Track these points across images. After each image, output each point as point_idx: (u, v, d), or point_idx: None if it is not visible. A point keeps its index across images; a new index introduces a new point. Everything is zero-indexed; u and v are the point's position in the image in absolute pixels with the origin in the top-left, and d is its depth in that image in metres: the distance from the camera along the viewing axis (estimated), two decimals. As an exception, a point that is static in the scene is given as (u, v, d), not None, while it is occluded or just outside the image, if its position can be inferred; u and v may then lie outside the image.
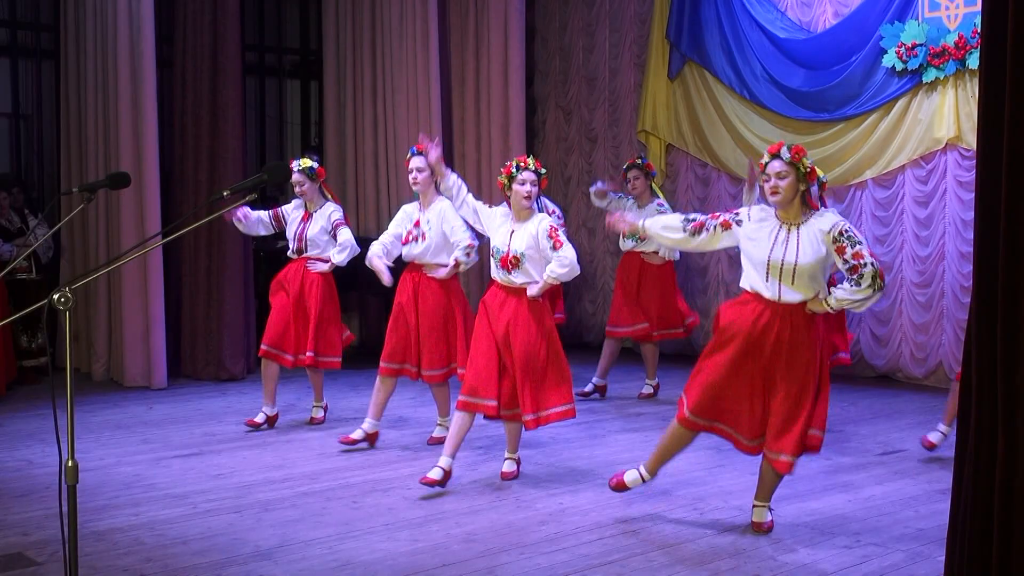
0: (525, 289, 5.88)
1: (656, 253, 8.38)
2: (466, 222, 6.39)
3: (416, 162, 6.68)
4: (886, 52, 8.88)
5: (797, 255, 4.88)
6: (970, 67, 8.37)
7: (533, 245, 5.82)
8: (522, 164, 5.86)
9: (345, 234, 7.32)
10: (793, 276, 4.89)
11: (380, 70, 10.99)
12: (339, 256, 7.31)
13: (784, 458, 5.00)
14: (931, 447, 6.48)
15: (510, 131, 10.65)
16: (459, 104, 11.03)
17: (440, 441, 6.65)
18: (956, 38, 8.48)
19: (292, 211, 7.43)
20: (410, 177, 6.73)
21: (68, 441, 3.18)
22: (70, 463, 3.18)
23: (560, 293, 9.30)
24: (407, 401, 8.37)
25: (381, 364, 6.80)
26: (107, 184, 5.44)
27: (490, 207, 6.11)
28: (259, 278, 9.86)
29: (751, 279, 5.06)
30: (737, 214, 5.14)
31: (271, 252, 10.04)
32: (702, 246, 5.27)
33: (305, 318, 7.37)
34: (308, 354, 7.34)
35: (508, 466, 6.23)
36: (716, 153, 10.27)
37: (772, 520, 5.24)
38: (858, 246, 4.81)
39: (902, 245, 9.14)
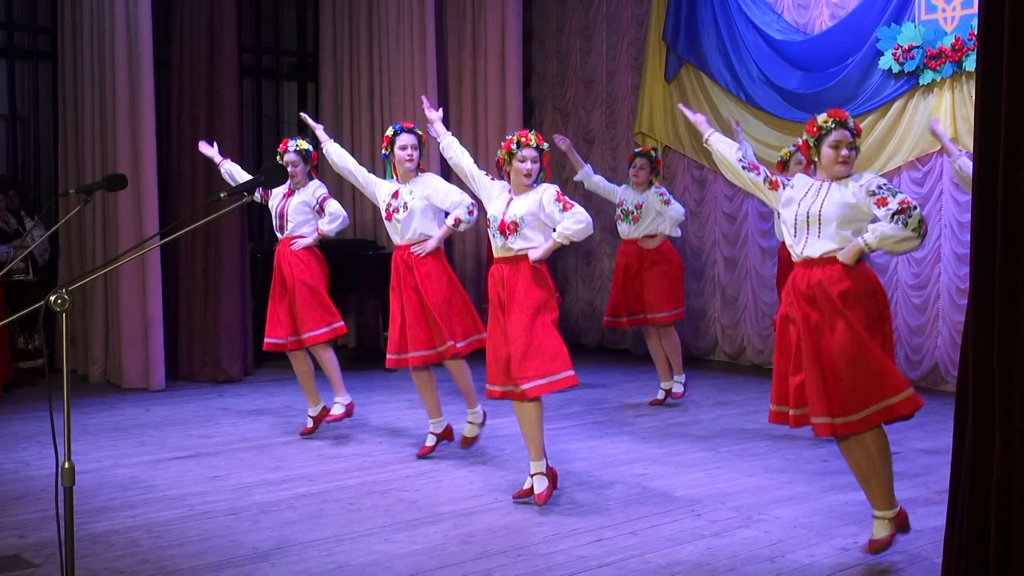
0: (525, 256, 5.62)
1: (653, 237, 8.25)
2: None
3: (409, 139, 6.57)
4: (883, 54, 8.89)
5: (823, 204, 4.72)
6: (967, 69, 8.37)
7: (535, 211, 5.58)
8: (523, 140, 5.63)
9: (334, 205, 7.19)
10: (820, 225, 4.73)
11: (377, 71, 11.00)
12: (329, 226, 7.14)
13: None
14: None
15: (507, 132, 10.62)
16: (456, 105, 11.04)
17: (470, 441, 6.76)
18: (953, 40, 8.48)
19: (277, 188, 7.34)
20: (404, 154, 6.54)
21: (65, 443, 3.17)
22: (67, 465, 3.18)
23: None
24: (404, 404, 8.37)
25: (410, 355, 6.50)
26: (104, 186, 5.44)
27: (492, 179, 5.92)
28: (256, 280, 9.85)
29: (788, 242, 4.92)
30: (788, 179, 5.06)
31: (268, 253, 10.03)
32: (749, 186, 5.08)
33: (290, 299, 7.19)
34: (291, 338, 7.18)
35: (538, 484, 5.70)
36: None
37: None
38: (900, 195, 4.66)
39: (898, 247, 9.12)
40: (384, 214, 6.66)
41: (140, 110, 8.95)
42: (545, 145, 5.72)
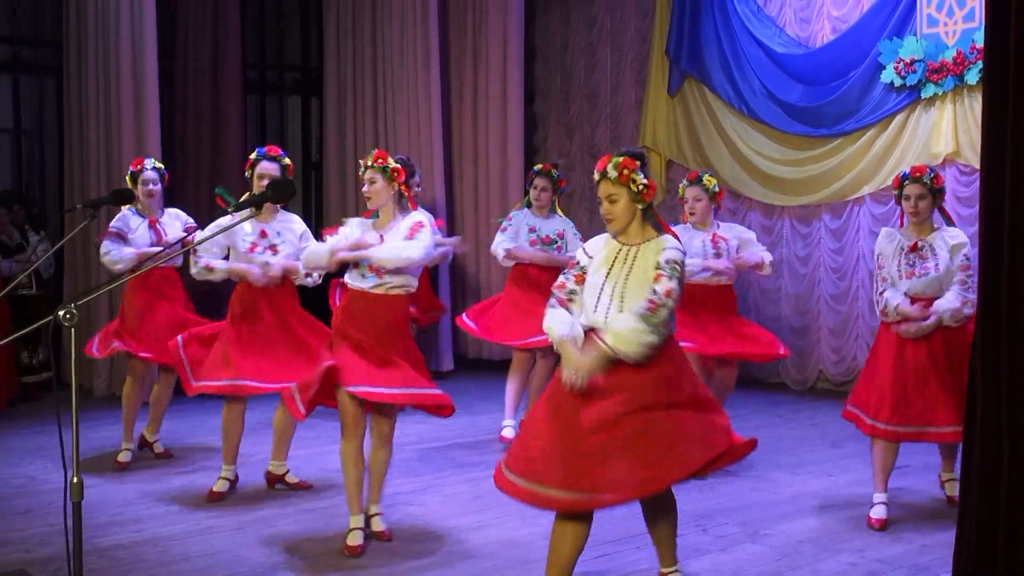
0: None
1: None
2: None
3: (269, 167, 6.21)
4: (884, 68, 8.91)
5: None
6: (968, 83, 8.39)
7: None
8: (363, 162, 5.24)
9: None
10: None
11: (381, 87, 11.03)
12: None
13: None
14: None
15: (508, 147, 10.70)
16: (457, 120, 11.08)
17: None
18: (955, 54, 8.50)
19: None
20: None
21: (74, 458, 3.18)
22: (75, 480, 3.19)
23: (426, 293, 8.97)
24: (406, 417, 8.36)
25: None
26: (110, 200, 5.47)
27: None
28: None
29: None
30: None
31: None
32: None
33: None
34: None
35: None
36: (715, 168, 10.27)
37: None
38: (672, 281, 4.13)
39: (901, 261, 9.13)
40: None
41: (145, 125, 8.98)
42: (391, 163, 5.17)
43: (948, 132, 8.60)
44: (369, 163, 5.19)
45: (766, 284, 9.97)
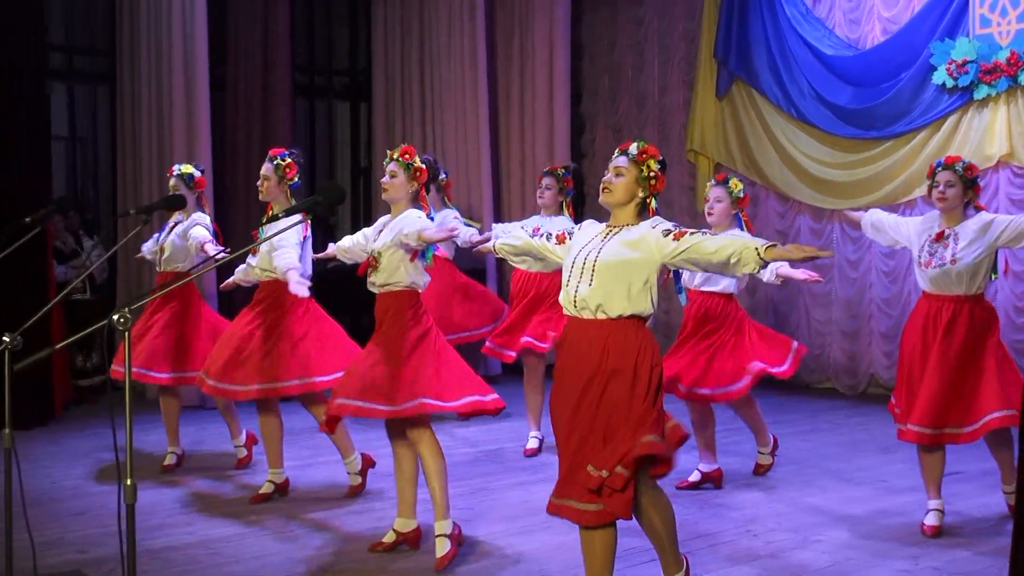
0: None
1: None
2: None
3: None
4: (936, 69, 8.80)
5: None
6: (1022, 84, 8.28)
7: (394, 236, 5.09)
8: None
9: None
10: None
11: (428, 90, 11.08)
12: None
13: None
14: None
15: (555, 148, 10.69)
16: (504, 122, 11.09)
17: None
18: (1008, 55, 8.38)
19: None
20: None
21: (128, 460, 3.22)
22: (128, 482, 3.22)
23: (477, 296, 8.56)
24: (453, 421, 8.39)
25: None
26: (163, 206, 5.55)
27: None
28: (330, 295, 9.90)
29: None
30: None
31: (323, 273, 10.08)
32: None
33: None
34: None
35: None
36: (764, 171, 10.23)
37: None
38: None
39: (953, 263, 9.02)
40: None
41: (196, 130, 9.09)
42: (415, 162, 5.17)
43: (1002, 134, 8.49)
44: (395, 155, 5.20)
45: (816, 288, 9.88)
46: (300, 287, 5.53)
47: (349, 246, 5.56)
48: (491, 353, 7.63)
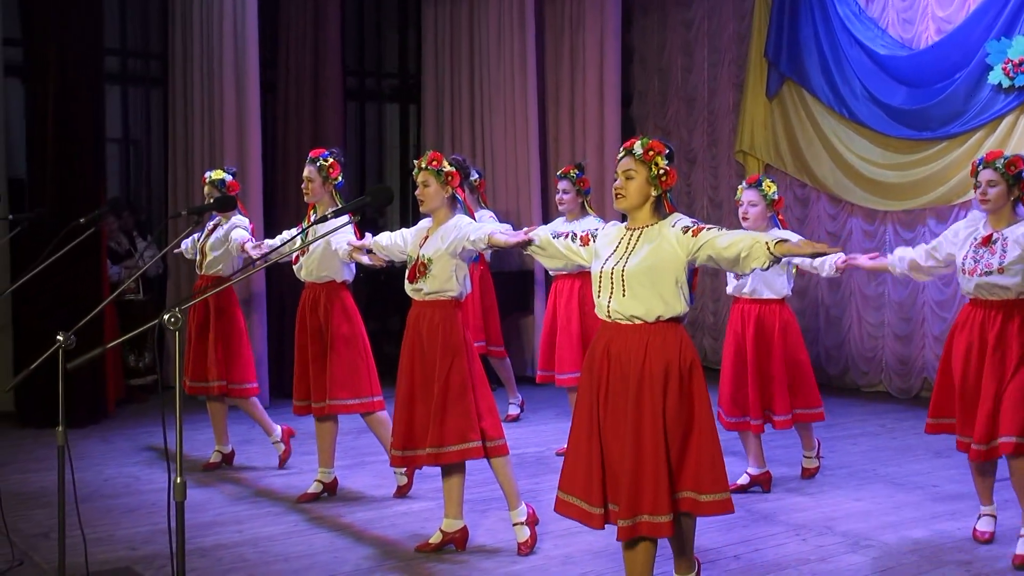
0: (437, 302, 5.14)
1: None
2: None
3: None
4: (992, 69, 8.67)
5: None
6: (1081, 83, 8.15)
7: (449, 244, 5.08)
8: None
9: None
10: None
11: (478, 92, 11.09)
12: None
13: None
14: None
15: (605, 151, 10.65)
16: (553, 124, 11.08)
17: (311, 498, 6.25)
18: (1066, 53, 8.25)
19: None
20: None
21: (177, 459, 3.25)
22: (178, 480, 3.25)
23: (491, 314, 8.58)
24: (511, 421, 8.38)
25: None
26: (215, 207, 5.60)
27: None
28: (359, 299, 9.94)
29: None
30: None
31: (370, 274, 10.12)
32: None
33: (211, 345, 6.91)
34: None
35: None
36: (815, 173, 10.14)
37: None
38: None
39: (1009, 266, 8.89)
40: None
41: (247, 133, 9.17)
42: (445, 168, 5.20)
43: (1059, 134, 8.35)
44: (423, 165, 5.19)
45: (868, 290, 9.79)
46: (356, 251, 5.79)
47: (387, 244, 5.56)
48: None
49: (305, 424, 7.12)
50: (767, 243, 3.80)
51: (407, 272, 5.21)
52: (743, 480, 6.32)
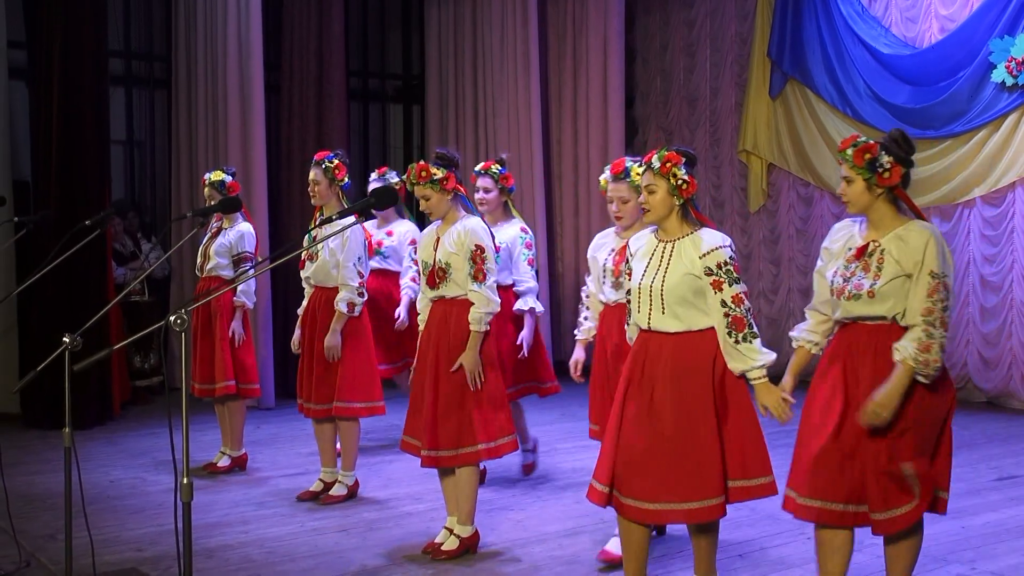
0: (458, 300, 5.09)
1: None
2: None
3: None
4: (995, 67, 8.68)
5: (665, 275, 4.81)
6: (1085, 81, 8.16)
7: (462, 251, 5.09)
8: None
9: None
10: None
11: (481, 93, 11.11)
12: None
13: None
14: None
15: (608, 152, 10.67)
16: (557, 125, 11.09)
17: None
18: (1069, 51, 8.25)
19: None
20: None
21: (184, 460, 3.26)
22: (185, 481, 3.26)
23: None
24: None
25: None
26: (219, 209, 5.61)
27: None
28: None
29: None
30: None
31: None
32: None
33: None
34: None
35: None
36: (818, 172, 10.14)
37: None
38: (738, 285, 4.09)
39: (1012, 265, 8.90)
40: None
41: (251, 134, 9.19)
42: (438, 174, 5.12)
43: (1063, 132, 8.35)
44: (413, 180, 5.14)
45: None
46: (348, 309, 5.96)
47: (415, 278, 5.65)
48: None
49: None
50: (753, 366, 4.02)
51: (425, 279, 5.20)
52: None
